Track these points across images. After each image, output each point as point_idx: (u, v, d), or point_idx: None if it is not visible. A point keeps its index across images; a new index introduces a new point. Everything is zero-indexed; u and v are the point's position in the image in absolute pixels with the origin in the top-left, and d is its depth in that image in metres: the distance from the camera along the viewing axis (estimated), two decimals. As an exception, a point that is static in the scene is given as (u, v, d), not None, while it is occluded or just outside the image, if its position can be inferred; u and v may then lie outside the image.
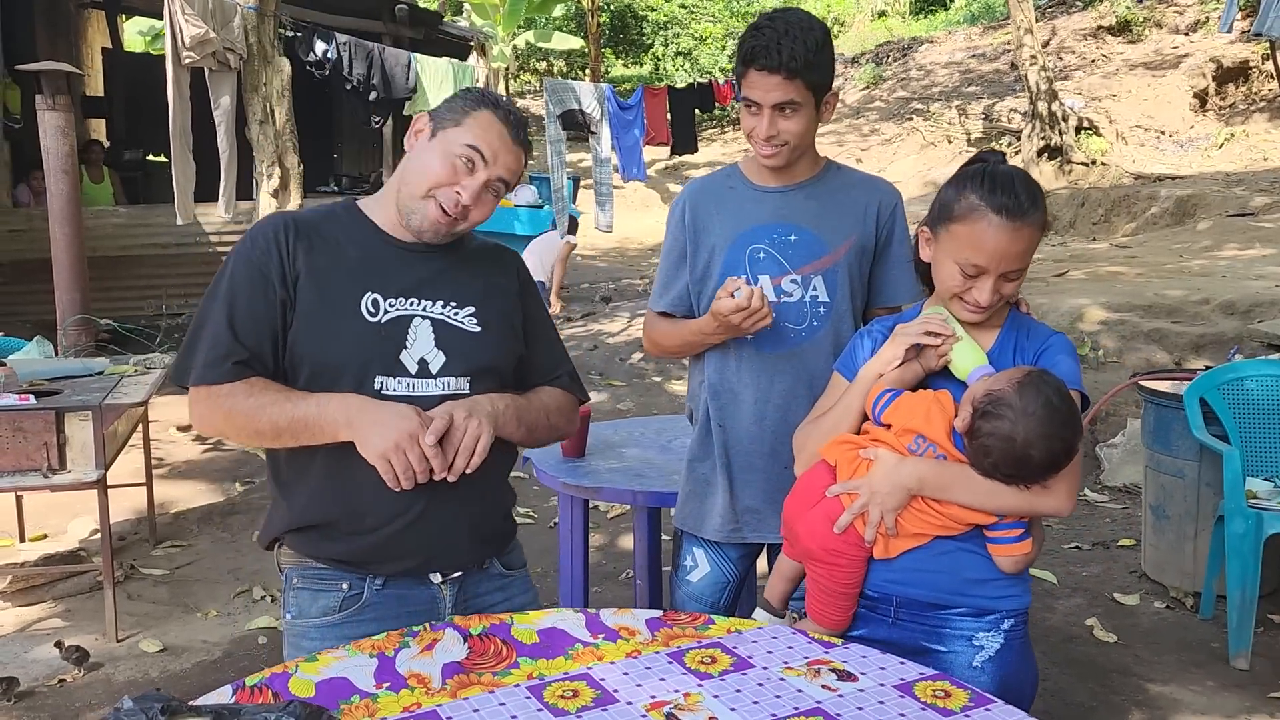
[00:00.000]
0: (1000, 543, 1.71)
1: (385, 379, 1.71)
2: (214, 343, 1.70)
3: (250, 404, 1.67)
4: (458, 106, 1.76)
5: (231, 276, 1.73)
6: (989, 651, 1.75)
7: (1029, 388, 1.62)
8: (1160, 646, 3.50)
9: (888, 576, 1.76)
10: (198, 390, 1.71)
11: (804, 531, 1.78)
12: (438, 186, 1.72)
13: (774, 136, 2.00)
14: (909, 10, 26.97)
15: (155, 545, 4.61)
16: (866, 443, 1.76)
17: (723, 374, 2.16)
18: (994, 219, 1.69)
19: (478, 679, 1.52)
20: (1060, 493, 1.68)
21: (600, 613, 1.74)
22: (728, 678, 1.52)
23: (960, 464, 1.68)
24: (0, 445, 3.46)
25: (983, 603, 1.75)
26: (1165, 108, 16.21)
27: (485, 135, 1.73)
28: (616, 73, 26.13)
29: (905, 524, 1.71)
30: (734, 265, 2.10)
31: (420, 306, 1.76)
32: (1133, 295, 7.44)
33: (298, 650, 1.77)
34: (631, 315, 9.38)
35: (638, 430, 3.25)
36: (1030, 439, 1.60)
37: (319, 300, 1.72)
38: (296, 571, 1.81)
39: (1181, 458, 3.82)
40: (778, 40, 1.94)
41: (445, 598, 1.81)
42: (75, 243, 5.44)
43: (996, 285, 1.72)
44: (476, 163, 1.72)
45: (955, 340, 1.75)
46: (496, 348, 1.82)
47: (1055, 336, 1.79)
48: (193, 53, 5.44)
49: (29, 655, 3.56)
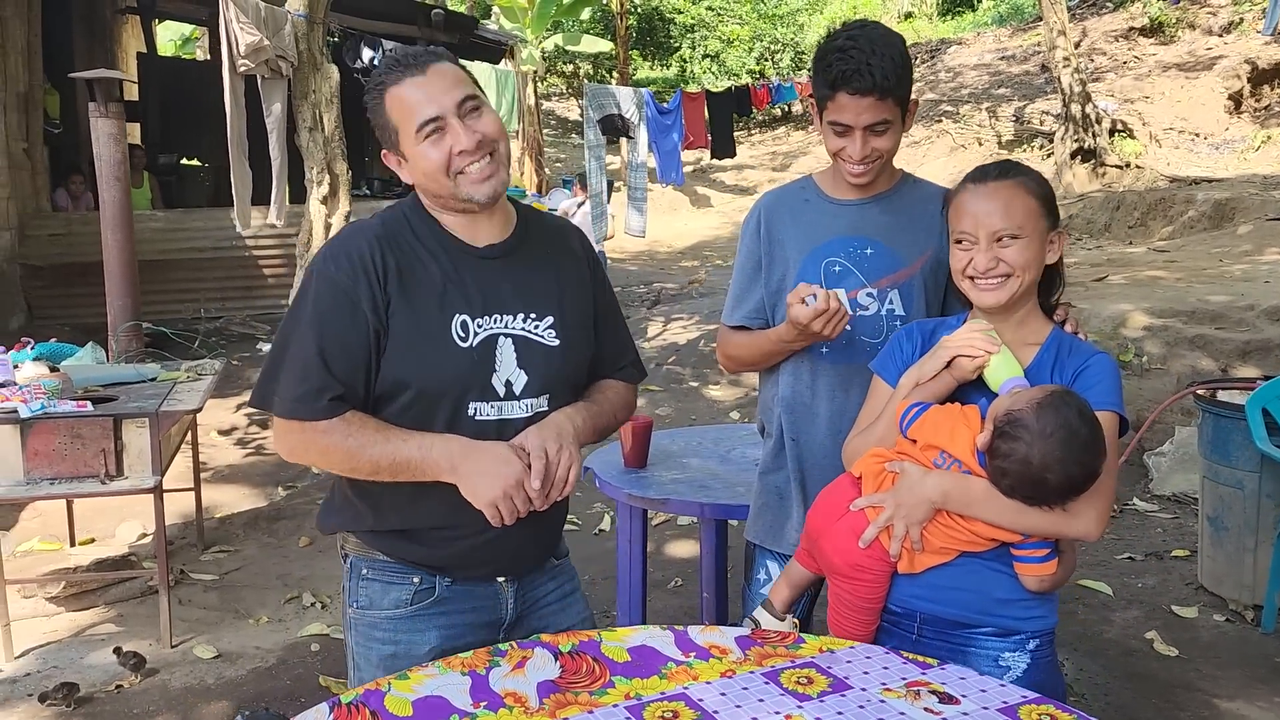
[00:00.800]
0: (1026, 561, 1.68)
1: (479, 404, 1.71)
2: (304, 374, 1.66)
3: (350, 444, 1.66)
4: (380, 121, 1.72)
5: (317, 299, 1.69)
6: (1015, 672, 1.72)
7: (1048, 409, 1.58)
8: (1223, 661, 3.44)
9: (912, 592, 1.74)
10: (289, 424, 1.69)
11: (829, 546, 1.76)
12: (446, 166, 1.68)
13: (867, 156, 1.99)
14: (936, 12, 26.84)
15: (203, 550, 4.63)
16: (893, 456, 1.74)
17: (796, 387, 2.14)
18: (968, 186, 1.79)
19: (574, 698, 1.50)
20: (1089, 516, 1.65)
21: (689, 630, 1.72)
22: (827, 699, 1.50)
23: (985, 480, 1.66)
24: (59, 451, 3.48)
25: (1009, 623, 1.72)
26: (1199, 110, 16.03)
27: (411, 103, 1.67)
28: (643, 75, 26.14)
29: (931, 539, 1.69)
30: (809, 279, 2.08)
31: (503, 323, 1.74)
32: (1175, 300, 7.36)
33: (369, 640, 1.80)
34: (666, 319, 9.36)
35: (695, 440, 3.23)
36: (1047, 462, 1.57)
37: (412, 327, 1.69)
38: (365, 563, 1.81)
39: (1241, 468, 3.76)
40: (867, 62, 1.91)
41: (507, 594, 1.84)
42: (127, 249, 5.48)
43: (990, 250, 1.72)
44: (438, 122, 1.67)
45: (997, 350, 1.72)
46: (573, 361, 1.82)
47: (1097, 356, 1.75)
48: (247, 61, 5.47)
49: (85, 661, 3.58)
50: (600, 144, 10.01)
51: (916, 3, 27.22)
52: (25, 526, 4.81)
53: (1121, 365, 6.61)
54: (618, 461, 2.96)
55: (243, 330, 9.20)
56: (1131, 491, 5.19)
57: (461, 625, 1.79)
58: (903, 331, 1.92)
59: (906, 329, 1.92)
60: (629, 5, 21.83)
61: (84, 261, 7.71)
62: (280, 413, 1.69)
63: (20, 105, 8.92)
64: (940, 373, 1.75)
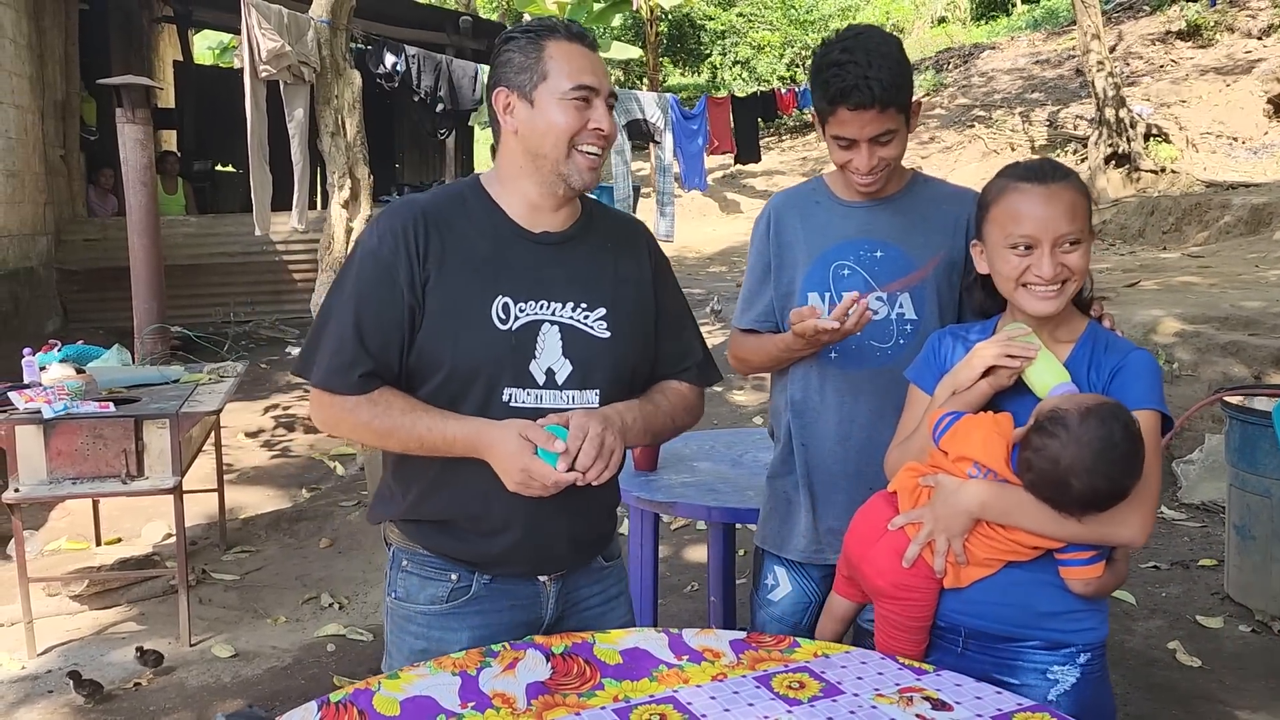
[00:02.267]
0: (1071, 564, 1.64)
1: (514, 390, 1.68)
2: (339, 347, 1.66)
3: (376, 424, 1.66)
4: (526, 62, 1.68)
5: (359, 274, 1.69)
6: (1064, 686, 1.68)
7: (1094, 415, 1.54)
8: (1247, 672, 3.38)
9: (956, 607, 1.71)
10: (322, 395, 1.70)
11: (871, 570, 1.73)
12: (574, 134, 1.67)
13: (875, 166, 1.96)
14: (970, 16, 26.64)
15: (225, 551, 4.68)
16: (928, 470, 1.71)
17: (806, 392, 2.12)
18: (1023, 185, 1.69)
19: (563, 700, 1.50)
20: (1133, 522, 1.60)
21: (683, 633, 1.71)
22: (818, 704, 1.49)
23: (1021, 488, 1.61)
24: (81, 451, 3.54)
25: (1057, 635, 1.68)
26: (1237, 114, 15.78)
27: (577, 65, 1.67)
28: (674, 81, 26.17)
29: (974, 551, 1.65)
30: (818, 282, 2.06)
31: (550, 310, 1.71)
32: (1207, 306, 7.25)
33: (403, 632, 1.79)
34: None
35: (708, 444, 3.21)
36: (1074, 467, 1.53)
37: (449, 305, 1.67)
38: (406, 555, 1.80)
39: (1269, 476, 3.69)
40: (865, 75, 1.87)
41: (549, 593, 1.80)
42: (153, 253, 5.56)
43: (1054, 255, 1.65)
44: (590, 95, 1.67)
45: (1034, 358, 1.66)
46: (626, 355, 1.77)
47: (1136, 353, 1.70)
48: (269, 66, 5.55)
49: (105, 658, 3.62)
50: (625, 148, 10.03)
51: (950, 7, 27.05)
52: (54, 526, 4.89)
53: (1152, 371, 6.52)
54: (628, 464, 2.96)
55: (271, 334, 9.30)
56: (1159, 499, 5.10)
57: (498, 624, 1.76)
58: (935, 337, 1.87)
59: (939, 334, 1.87)
60: (659, 12, 21.83)
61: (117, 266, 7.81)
62: (315, 382, 1.70)
63: (58, 113, 9.08)
64: (976, 382, 1.70)
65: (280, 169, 6.35)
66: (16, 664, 3.55)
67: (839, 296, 2.03)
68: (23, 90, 8.28)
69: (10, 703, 3.31)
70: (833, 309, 2.00)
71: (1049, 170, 1.69)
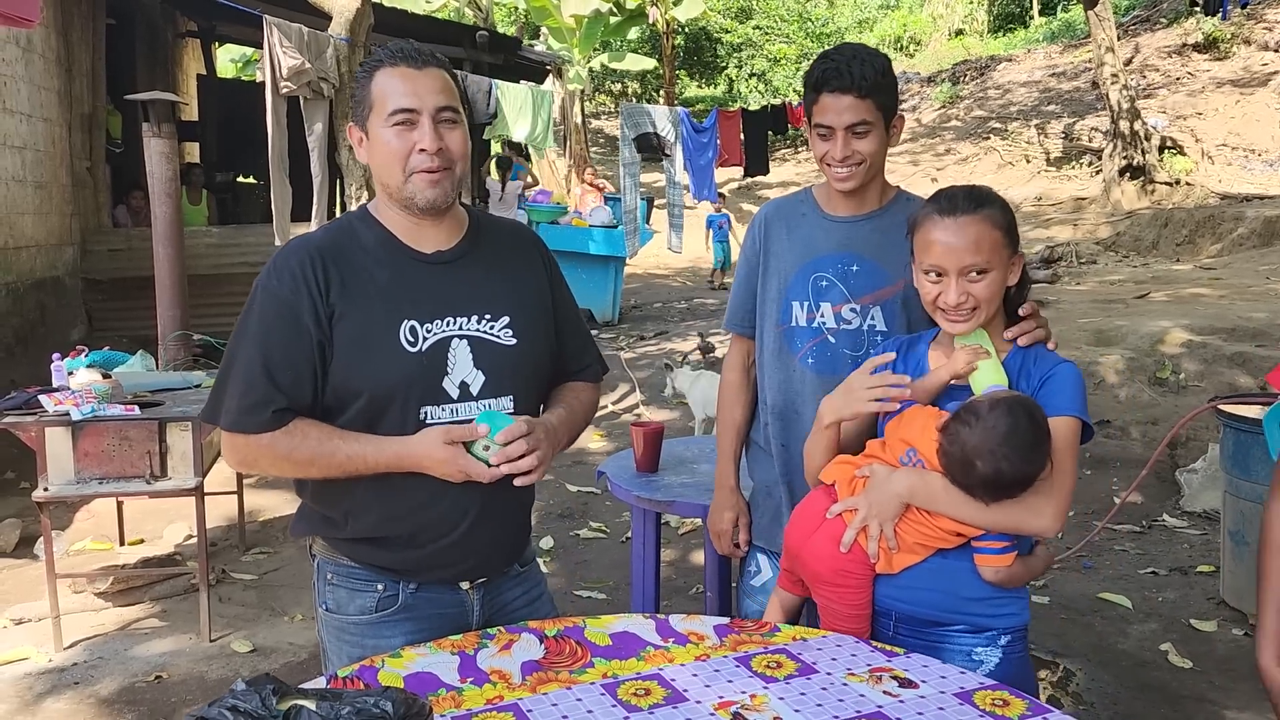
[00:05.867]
0: (984, 553, 1.75)
1: (430, 408, 1.73)
2: (249, 387, 1.69)
3: (298, 455, 1.71)
4: (361, 95, 1.75)
5: (262, 315, 1.72)
6: (988, 666, 1.79)
7: (1002, 405, 1.67)
8: (1237, 674, 3.44)
9: (888, 592, 1.81)
10: (234, 437, 1.72)
11: (810, 556, 1.84)
12: (403, 159, 1.71)
13: (849, 157, 2.06)
14: (987, 29, 26.70)
15: (244, 551, 4.81)
16: (862, 461, 1.83)
17: (785, 395, 2.24)
18: (935, 218, 1.80)
19: (555, 676, 1.61)
20: (1046, 514, 1.71)
21: (670, 618, 1.82)
22: (793, 682, 1.59)
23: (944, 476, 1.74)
24: (108, 452, 3.68)
25: (980, 620, 1.80)
26: (1254, 126, 15.80)
27: (397, 88, 1.71)
28: (690, 94, 26.32)
29: (904, 536, 1.77)
30: (800, 291, 2.18)
31: (456, 325, 1.76)
32: (1215, 318, 7.30)
33: (339, 642, 1.85)
34: (703, 334, 9.45)
35: (709, 447, 3.31)
36: (980, 450, 1.65)
37: (358, 336, 1.71)
38: (331, 567, 1.85)
39: (1261, 483, 3.76)
40: (847, 63, 2.03)
41: (473, 601, 1.87)
42: (177, 263, 5.72)
43: (960, 285, 1.77)
44: (411, 117, 1.70)
45: (985, 357, 1.79)
46: (533, 359, 1.85)
47: (1063, 364, 1.81)
48: (290, 83, 5.72)
49: (129, 653, 3.75)
50: (635, 161, 10.18)
51: (967, 20, 27.12)
52: (79, 527, 5.04)
53: (1158, 382, 6.58)
54: (631, 466, 3.07)
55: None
56: (1161, 507, 5.17)
57: (429, 630, 1.80)
58: (890, 345, 1.98)
59: (893, 344, 1.98)
60: (675, 25, 22.01)
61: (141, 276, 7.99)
62: (226, 426, 1.73)
63: (84, 126, 9.29)
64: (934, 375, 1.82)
65: (300, 181, 6.51)
66: (44, 657, 3.69)
67: (817, 305, 2.16)
68: (51, 104, 8.49)
69: (38, 693, 3.45)
70: (810, 316, 2.16)
71: (961, 202, 1.79)
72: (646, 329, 10.23)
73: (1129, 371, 6.57)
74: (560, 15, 17.01)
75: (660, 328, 10.30)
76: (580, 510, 5.40)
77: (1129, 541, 4.77)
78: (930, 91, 22.33)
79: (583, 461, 6.11)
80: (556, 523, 5.20)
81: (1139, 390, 6.41)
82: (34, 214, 8.08)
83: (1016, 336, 1.85)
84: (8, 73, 7.55)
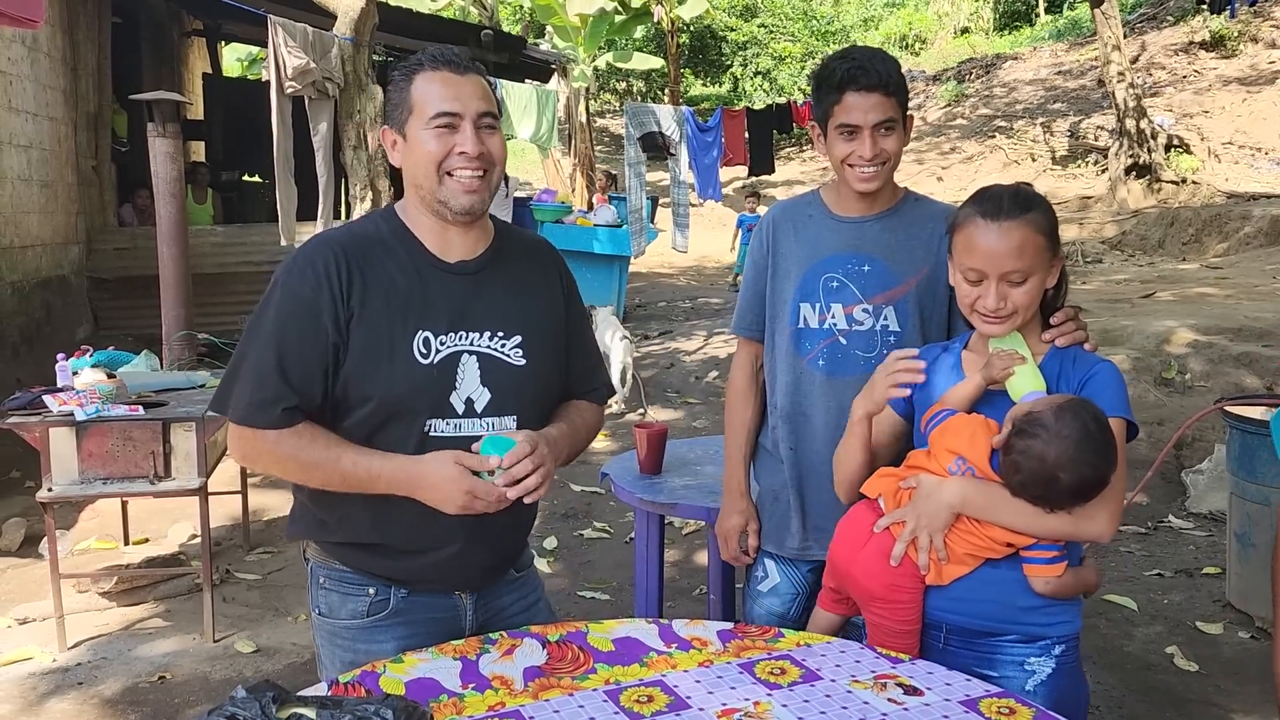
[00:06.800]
0: (1034, 563, 1.73)
1: (435, 420, 1.73)
2: (261, 383, 1.69)
3: (301, 458, 1.69)
4: (399, 98, 1.75)
5: (279, 311, 1.71)
6: (1040, 676, 1.77)
7: (1068, 412, 1.65)
8: (1243, 677, 3.43)
9: (939, 604, 1.79)
10: (243, 430, 1.71)
11: (860, 573, 1.81)
12: (440, 161, 1.71)
13: (878, 155, 2.04)
14: (992, 27, 26.64)
15: (249, 551, 4.81)
16: (905, 473, 1.80)
17: (794, 398, 2.22)
18: (979, 221, 1.77)
19: (557, 682, 1.60)
20: (1101, 519, 1.70)
21: (673, 623, 1.81)
22: (796, 689, 1.58)
23: (1000, 484, 1.71)
24: (112, 453, 3.68)
25: (1033, 629, 1.78)
26: (1261, 124, 15.74)
27: (439, 92, 1.71)
28: (696, 92, 26.30)
29: (953, 547, 1.74)
30: (809, 292, 2.17)
31: (468, 340, 1.76)
32: (1222, 318, 7.27)
33: (332, 647, 1.86)
34: (709, 333, 9.45)
35: (713, 449, 3.31)
36: (1061, 461, 1.63)
37: (373, 342, 1.71)
38: (323, 571, 1.85)
39: (1268, 484, 3.75)
40: (869, 61, 2.02)
41: (465, 606, 1.87)
42: (181, 262, 5.73)
43: (1000, 289, 1.75)
44: (453, 120, 1.71)
45: (1020, 362, 1.77)
46: (540, 380, 1.84)
47: (1102, 364, 1.80)
48: (294, 83, 5.73)
49: (133, 653, 3.76)
50: (640, 160, 10.17)
51: (973, 18, 27.06)
52: (84, 527, 5.04)
53: (1164, 382, 6.55)
54: (634, 467, 3.06)
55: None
56: (1167, 509, 5.16)
57: (423, 634, 1.80)
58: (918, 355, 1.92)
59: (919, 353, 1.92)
60: (680, 23, 21.99)
61: (147, 275, 8.00)
62: (235, 419, 1.72)
63: (90, 125, 9.30)
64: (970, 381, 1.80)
65: (305, 181, 6.52)
66: (48, 657, 3.69)
67: (828, 307, 2.14)
68: (56, 103, 8.50)
69: (42, 693, 3.45)
70: (821, 318, 2.13)
71: (1007, 205, 1.76)
72: (651, 328, 10.22)
73: (1135, 371, 6.55)
74: (565, 14, 16.99)
75: (665, 327, 10.29)
76: (584, 510, 5.40)
77: (1134, 543, 4.75)
78: (936, 90, 22.28)
79: (586, 461, 6.10)
80: (560, 523, 5.20)
81: (1145, 390, 6.39)
82: (39, 213, 8.09)
83: (1054, 339, 1.83)
84: (13, 72, 7.56)
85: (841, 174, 2.13)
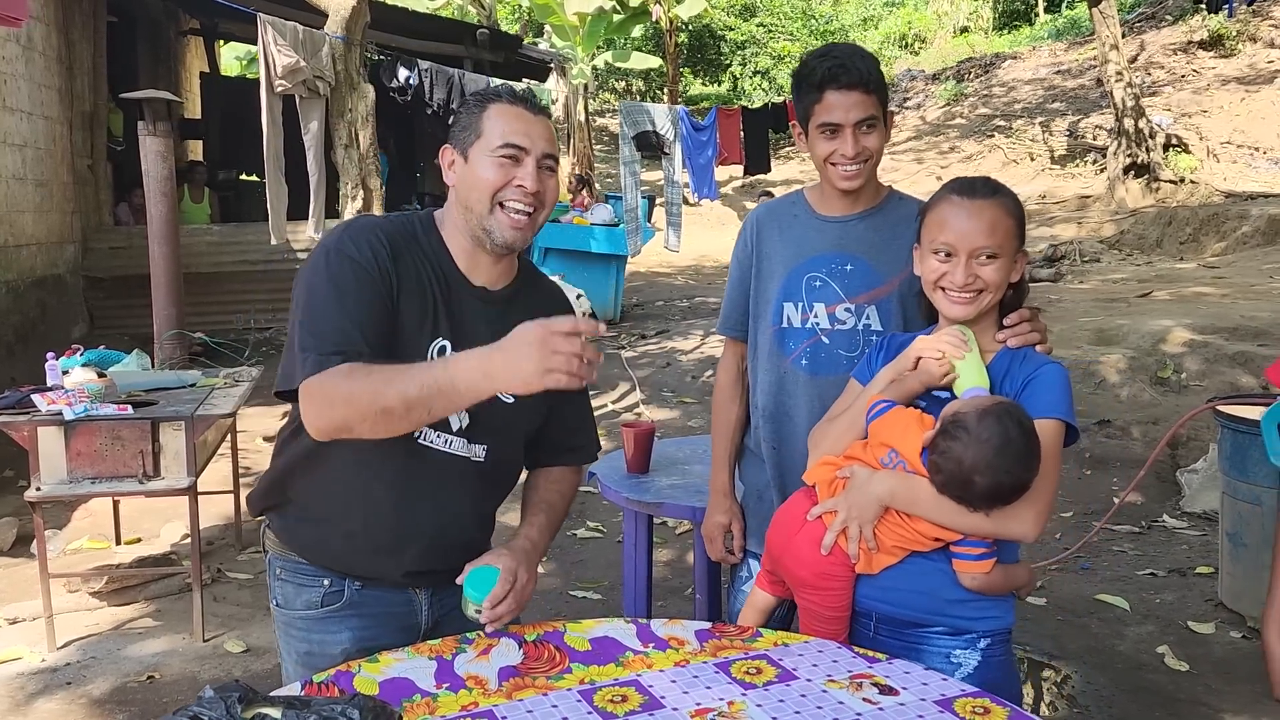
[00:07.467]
0: (962, 559, 1.74)
1: (429, 430, 1.75)
2: (324, 337, 1.63)
3: (373, 380, 1.58)
4: (469, 121, 1.77)
5: (338, 275, 1.67)
6: (966, 669, 1.78)
7: (990, 416, 1.65)
8: (1234, 676, 3.42)
9: (868, 593, 1.80)
10: (309, 384, 1.62)
11: (792, 560, 1.83)
12: (498, 190, 1.73)
13: (860, 153, 2.05)
14: (992, 26, 26.63)
15: (240, 551, 4.81)
16: (843, 463, 1.81)
17: (777, 397, 2.22)
18: (953, 198, 1.81)
19: (532, 682, 1.60)
20: (1026, 519, 1.70)
21: (651, 623, 1.81)
22: (771, 688, 1.58)
23: (928, 480, 1.72)
24: (100, 452, 3.67)
25: (960, 622, 1.78)
26: (1259, 124, 15.73)
27: (511, 126, 1.74)
28: (694, 91, 26.30)
29: (883, 538, 1.75)
30: (792, 292, 2.16)
31: None
32: (1218, 317, 7.26)
33: (288, 638, 1.88)
34: (705, 333, 9.44)
35: (701, 448, 3.30)
36: (977, 465, 1.63)
37: (400, 331, 1.72)
38: (280, 562, 1.88)
39: (1259, 484, 3.74)
40: (849, 59, 2.02)
41: (421, 602, 1.88)
42: (173, 261, 5.73)
43: (969, 266, 1.77)
44: (518, 154, 1.74)
45: (961, 357, 1.77)
46: (522, 423, 1.87)
47: (1049, 365, 1.80)
48: (285, 81, 5.72)
49: (122, 652, 3.75)
50: (635, 159, 10.16)
51: (972, 17, 27.05)
52: (77, 526, 5.03)
53: (1159, 381, 6.54)
54: (621, 467, 3.06)
55: (291, 340, 9.45)
56: (1162, 508, 5.15)
57: (376, 628, 1.82)
58: (881, 341, 1.99)
59: (884, 339, 1.99)
60: (679, 22, 21.98)
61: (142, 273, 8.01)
62: (309, 372, 1.62)
63: (85, 124, 9.30)
64: (912, 369, 1.82)
65: (297, 179, 6.51)
66: (37, 657, 3.69)
67: (810, 306, 2.14)
68: (51, 102, 8.50)
69: (30, 693, 3.44)
70: (804, 318, 2.13)
71: (980, 187, 1.82)
72: (648, 327, 10.21)
73: (1130, 371, 6.54)
74: (563, 13, 16.98)
75: (662, 326, 10.28)
76: (577, 509, 5.39)
77: (1127, 542, 4.74)
78: (935, 89, 22.27)
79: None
80: (553, 522, 5.18)
81: (1140, 390, 6.39)
82: (34, 212, 8.09)
83: (1007, 339, 1.83)
84: (7, 70, 7.55)
85: (824, 173, 2.12)
